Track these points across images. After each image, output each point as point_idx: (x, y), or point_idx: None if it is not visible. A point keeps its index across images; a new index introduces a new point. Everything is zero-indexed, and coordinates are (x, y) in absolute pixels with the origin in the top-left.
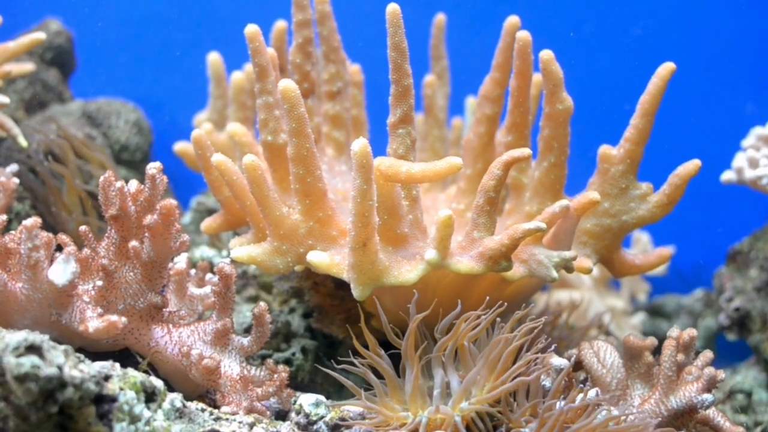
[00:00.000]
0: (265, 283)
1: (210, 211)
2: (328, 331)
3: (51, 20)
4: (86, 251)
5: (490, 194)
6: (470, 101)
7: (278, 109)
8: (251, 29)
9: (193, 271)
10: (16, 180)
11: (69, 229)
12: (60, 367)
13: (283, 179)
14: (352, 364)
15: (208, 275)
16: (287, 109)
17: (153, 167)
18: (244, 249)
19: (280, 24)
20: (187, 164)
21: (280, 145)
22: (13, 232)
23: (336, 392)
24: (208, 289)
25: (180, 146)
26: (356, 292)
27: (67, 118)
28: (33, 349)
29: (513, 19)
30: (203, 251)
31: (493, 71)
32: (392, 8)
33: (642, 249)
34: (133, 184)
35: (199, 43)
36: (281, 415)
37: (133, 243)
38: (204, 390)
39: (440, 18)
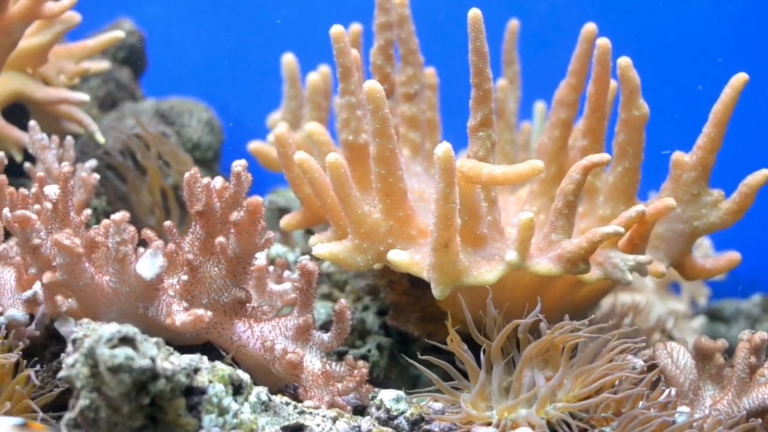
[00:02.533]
0: (338, 280)
1: (281, 210)
2: (404, 328)
3: (123, 20)
4: (171, 246)
5: (569, 198)
6: (539, 106)
7: (360, 109)
8: (337, 30)
9: (271, 268)
10: (97, 176)
11: (148, 224)
12: (153, 359)
13: (362, 178)
14: (431, 361)
15: (286, 272)
16: (372, 110)
17: (239, 164)
18: (325, 246)
19: (355, 27)
20: (261, 163)
21: (361, 144)
22: (96, 226)
23: (411, 389)
24: (287, 285)
25: (254, 145)
26: (436, 291)
27: (141, 116)
28: (126, 340)
29: (590, 27)
30: (277, 248)
31: (569, 77)
32: (474, 13)
33: (703, 254)
34: (218, 181)
35: (267, 43)
36: (359, 411)
37: (220, 239)
38: (284, 384)
39: (513, 24)
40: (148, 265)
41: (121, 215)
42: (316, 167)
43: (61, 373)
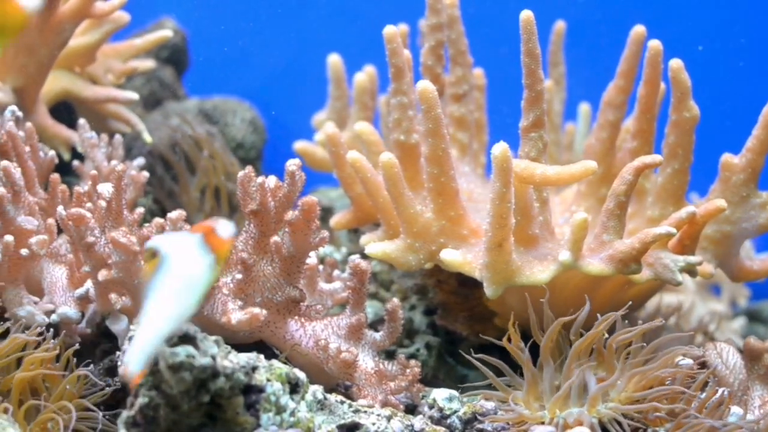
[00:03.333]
0: (384, 280)
1: (324, 209)
2: (453, 328)
3: (166, 19)
4: None
5: (621, 198)
6: (583, 108)
7: (411, 109)
8: (389, 30)
9: (320, 267)
10: (146, 174)
11: (196, 222)
12: (213, 357)
13: (413, 178)
14: (484, 359)
15: (336, 271)
16: (424, 110)
17: (293, 164)
18: (378, 245)
19: (403, 27)
20: (306, 163)
21: (412, 144)
22: (148, 224)
23: (459, 388)
24: (337, 284)
25: (300, 145)
26: (489, 291)
27: (185, 115)
28: (186, 338)
29: (639, 29)
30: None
31: (617, 78)
32: (526, 15)
33: (745, 255)
34: (272, 180)
35: (308, 43)
36: (410, 410)
37: (275, 238)
38: (335, 383)
39: (560, 25)
40: None
41: (177, 213)
42: (368, 166)
43: (121, 371)
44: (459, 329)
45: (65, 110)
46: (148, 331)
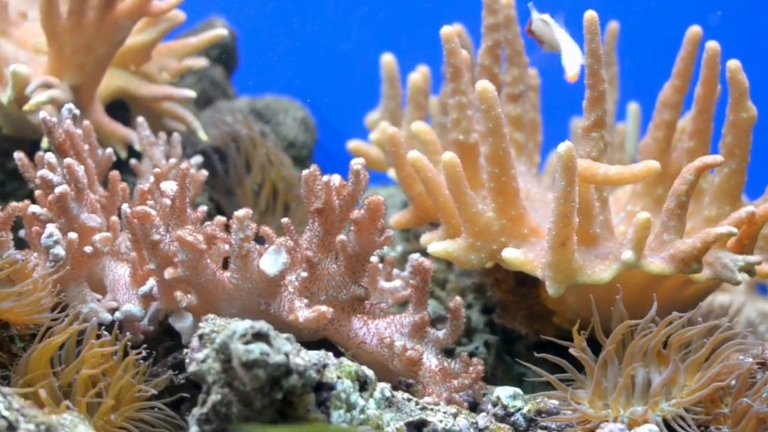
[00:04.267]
0: (439, 278)
1: None
2: (511, 326)
3: (216, 18)
4: (290, 243)
5: (681, 198)
6: (633, 108)
7: (470, 109)
8: (447, 30)
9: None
10: (205, 172)
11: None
12: (287, 355)
13: (473, 177)
14: (547, 358)
15: (395, 270)
16: (484, 110)
17: (358, 163)
18: (440, 244)
19: (458, 27)
20: None
21: (471, 144)
22: (209, 223)
23: (517, 386)
24: (397, 282)
25: (353, 144)
26: (551, 289)
27: (236, 114)
28: (260, 336)
29: (695, 29)
30: None
31: (673, 78)
32: (590, 15)
33: None
34: (336, 179)
35: (357, 42)
36: (472, 407)
37: (341, 237)
38: (397, 381)
39: (614, 26)
40: (271, 261)
41: (244, 212)
42: (429, 166)
43: (190, 369)
44: (518, 328)
45: (119, 108)
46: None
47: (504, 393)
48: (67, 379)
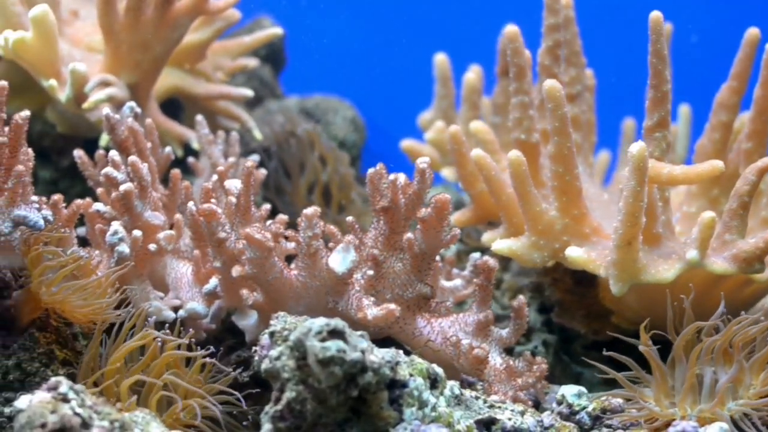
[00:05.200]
0: (495, 278)
1: None
2: (570, 325)
3: (263, 18)
4: (355, 241)
5: (744, 199)
6: (683, 109)
7: (532, 108)
8: (512, 30)
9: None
10: (264, 170)
11: None
12: (363, 352)
13: (533, 177)
14: (605, 359)
15: (455, 269)
16: (551, 109)
17: (424, 161)
18: (504, 242)
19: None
20: (412, 161)
21: (533, 143)
22: (272, 221)
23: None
24: (458, 281)
25: (407, 143)
26: (615, 288)
27: (286, 113)
28: (335, 333)
29: (753, 31)
30: None
31: (730, 80)
32: (655, 15)
33: None
34: (402, 178)
35: (403, 43)
36: (534, 406)
37: (409, 235)
38: (460, 379)
39: (667, 27)
40: (340, 259)
41: (312, 210)
42: (492, 165)
43: (263, 366)
44: (577, 327)
45: (169, 107)
46: None
47: (569, 391)
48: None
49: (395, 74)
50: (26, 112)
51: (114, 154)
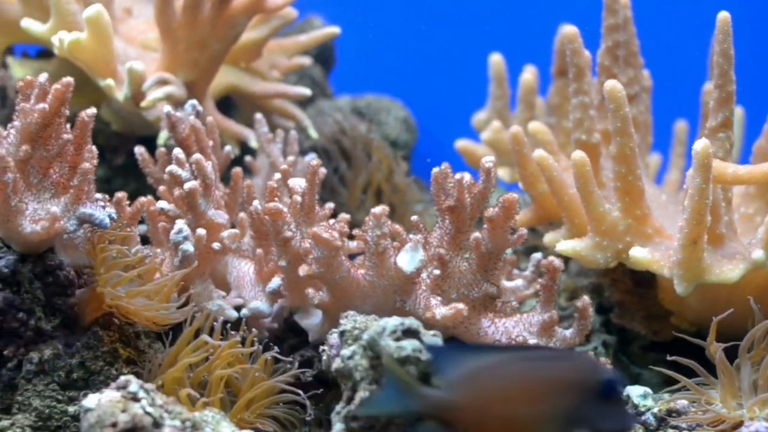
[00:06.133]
0: None
1: None
2: (630, 326)
3: (313, 17)
4: (422, 241)
5: None
6: (737, 111)
7: (592, 108)
8: (570, 30)
9: None
10: (324, 170)
11: (358, 219)
12: None
13: (594, 177)
14: (664, 360)
15: (515, 269)
16: (613, 109)
17: (489, 161)
18: (569, 243)
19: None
20: (467, 162)
21: (594, 144)
22: (334, 220)
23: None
24: (519, 281)
25: (462, 143)
26: (680, 288)
27: (337, 113)
28: (410, 332)
29: None
30: None
31: None
32: (723, 16)
33: None
34: (468, 177)
35: (452, 43)
36: None
37: (477, 234)
38: None
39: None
40: (408, 258)
41: (380, 209)
42: (554, 165)
43: (335, 365)
44: (636, 328)
45: (222, 105)
46: None
47: (635, 392)
48: (198, 378)
49: (441, 74)
50: (93, 110)
51: (178, 151)
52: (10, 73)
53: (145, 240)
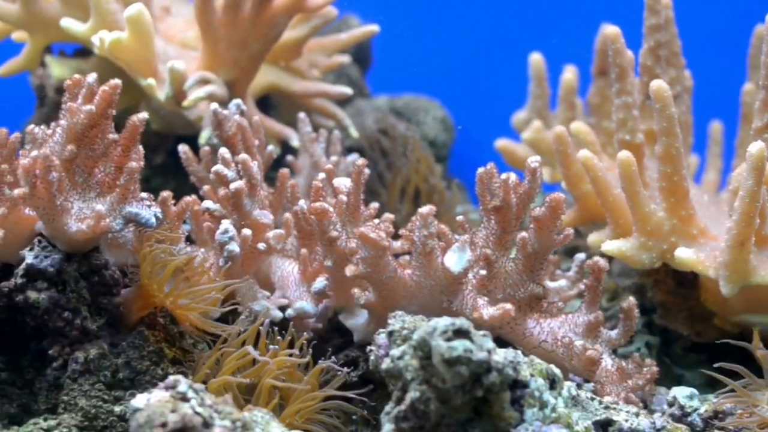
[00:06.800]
0: None
1: None
2: (673, 327)
3: (350, 17)
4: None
5: None
6: None
7: (636, 109)
8: (613, 30)
9: None
10: (367, 171)
11: (396, 219)
12: (489, 352)
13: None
14: (714, 360)
15: (557, 270)
16: (659, 109)
17: (535, 161)
18: (614, 243)
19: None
20: (507, 161)
21: (637, 144)
22: (377, 220)
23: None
24: (563, 282)
25: (502, 143)
26: (726, 289)
27: (376, 113)
28: (461, 333)
29: None
30: None
31: None
32: None
33: None
34: (513, 177)
35: (485, 42)
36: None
37: (523, 234)
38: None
39: (761, 29)
40: (456, 258)
41: (428, 209)
42: (599, 165)
43: (384, 365)
44: (679, 329)
45: (261, 104)
46: None
47: (681, 393)
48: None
49: (477, 74)
50: (144, 115)
51: (224, 151)
52: (49, 72)
53: (188, 239)
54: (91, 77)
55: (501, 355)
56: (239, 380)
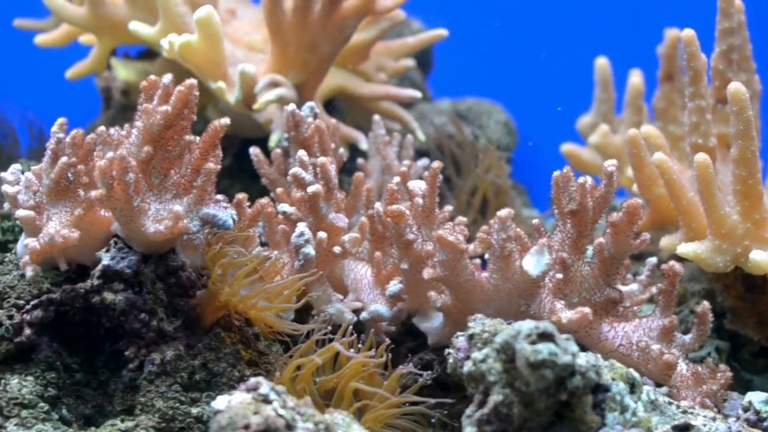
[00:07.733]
0: None
1: None
2: (743, 332)
3: (412, 20)
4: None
5: None
6: None
7: (709, 112)
8: (688, 33)
9: None
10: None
11: None
12: (573, 355)
13: None
14: None
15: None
16: (736, 112)
17: (612, 165)
18: (689, 246)
19: (673, 32)
20: (572, 165)
21: (710, 148)
22: (451, 223)
23: (744, 393)
24: (634, 286)
25: (568, 147)
26: None
27: (439, 116)
28: (545, 336)
29: None
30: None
31: None
32: None
33: None
34: (590, 180)
35: (546, 46)
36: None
37: (601, 239)
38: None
39: None
40: (534, 262)
41: (507, 212)
42: (674, 168)
43: (466, 368)
44: (749, 334)
45: (325, 107)
46: None
47: (756, 398)
48: (325, 386)
49: (537, 78)
50: (226, 120)
51: (303, 153)
52: (114, 75)
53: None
54: (167, 78)
55: (584, 359)
56: (323, 379)
